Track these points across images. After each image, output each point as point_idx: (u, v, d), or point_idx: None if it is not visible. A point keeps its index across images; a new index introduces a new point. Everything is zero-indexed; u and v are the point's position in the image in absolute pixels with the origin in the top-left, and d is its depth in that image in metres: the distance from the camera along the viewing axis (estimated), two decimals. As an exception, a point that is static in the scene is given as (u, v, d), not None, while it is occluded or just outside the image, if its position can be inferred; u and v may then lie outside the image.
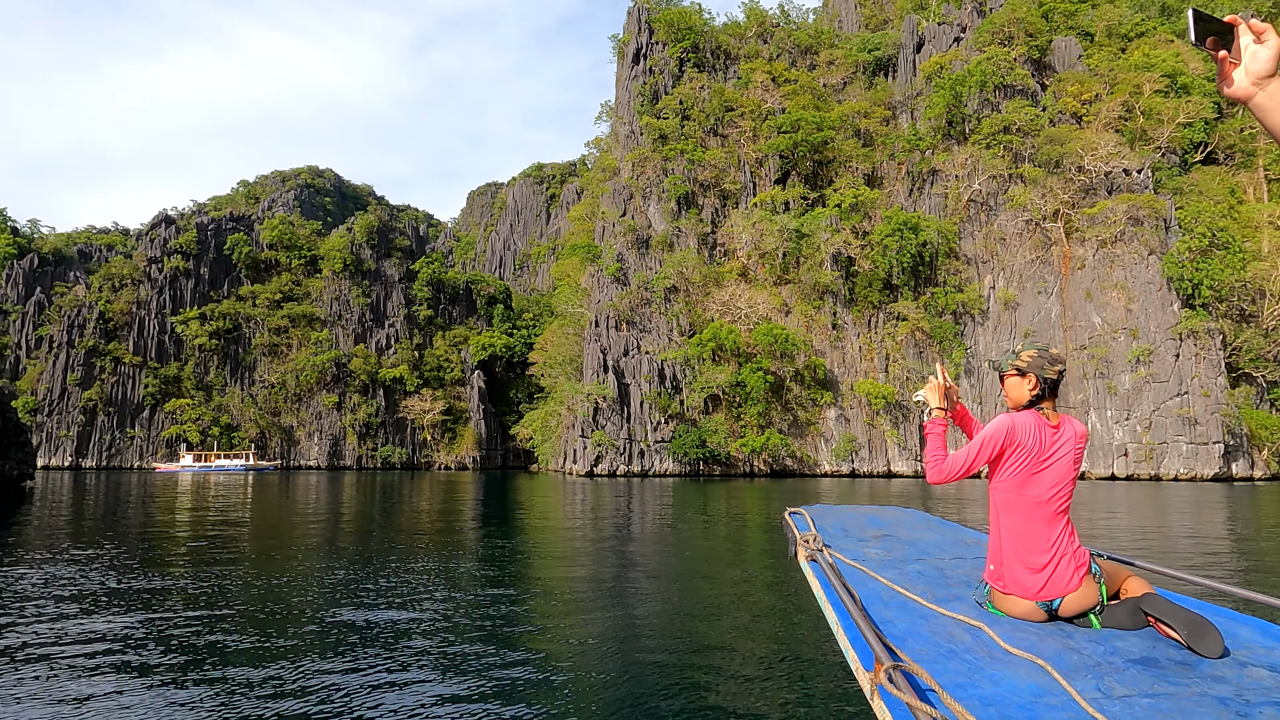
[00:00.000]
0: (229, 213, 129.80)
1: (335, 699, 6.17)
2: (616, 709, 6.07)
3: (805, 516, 4.82)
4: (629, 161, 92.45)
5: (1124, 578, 3.21)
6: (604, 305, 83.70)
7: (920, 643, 2.74)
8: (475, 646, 7.88)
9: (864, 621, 2.61)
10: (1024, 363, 3.30)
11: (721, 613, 9.70)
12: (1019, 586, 3.10)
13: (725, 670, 7.10)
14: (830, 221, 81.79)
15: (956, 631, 2.89)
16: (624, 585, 11.77)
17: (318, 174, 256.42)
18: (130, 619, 9.06)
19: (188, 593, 10.92)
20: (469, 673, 6.93)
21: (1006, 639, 2.78)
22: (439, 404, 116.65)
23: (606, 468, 75.70)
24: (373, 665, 7.11)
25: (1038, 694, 2.31)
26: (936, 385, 3.56)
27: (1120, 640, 2.84)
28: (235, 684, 6.56)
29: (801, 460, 77.78)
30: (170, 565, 13.68)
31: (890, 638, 2.74)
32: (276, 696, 6.25)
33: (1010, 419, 3.22)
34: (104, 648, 7.70)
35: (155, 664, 7.17)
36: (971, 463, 3.22)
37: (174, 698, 6.20)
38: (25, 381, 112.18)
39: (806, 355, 78.90)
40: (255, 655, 7.50)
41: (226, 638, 8.21)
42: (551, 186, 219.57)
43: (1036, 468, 3.14)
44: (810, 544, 3.84)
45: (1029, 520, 3.12)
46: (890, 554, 4.17)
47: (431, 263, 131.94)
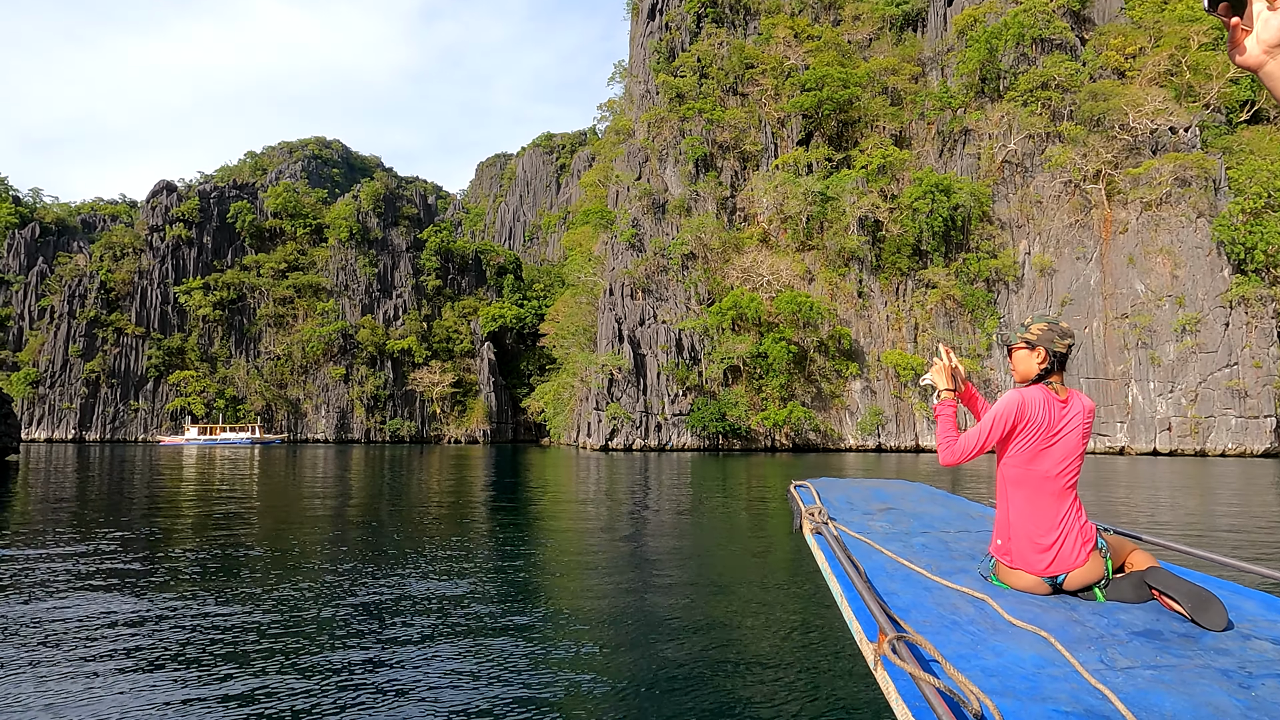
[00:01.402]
0: (233, 180, 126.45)
1: (347, 677, 6.09)
2: (624, 678, 6.15)
3: (810, 489, 4.79)
4: (644, 122, 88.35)
5: (1129, 551, 3.18)
6: (618, 273, 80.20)
7: (924, 614, 2.73)
8: (486, 621, 7.86)
9: (868, 593, 2.63)
10: (1033, 335, 3.24)
11: (733, 586, 9.78)
12: (1025, 561, 3.09)
13: (732, 642, 7.18)
14: (856, 184, 77.72)
15: (960, 604, 2.88)
16: (638, 559, 11.70)
17: (325, 145, 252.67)
18: (125, 604, 8.54)
19: (187, 573, 10.38)
20: (480, 647, 6.93)
21: (1010, 611, 2.79)
22: (448, 376, 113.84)
23: (622, 442, 72.70)
24: (384, 643, 7.00)
25: (1040, 665, 2.31)
26: (943, 367, 3.53)
27: (1124, 613, 2.85)
28: (243, 666, 6.38)
29: (825, 434, 74.52)
30: (167, 545, 12.90)
31: (894, 609, 2.73)
32: (285, 677, 6.09)
33: (1020, 395, 3.15)
34: (101, 633, 7.36)
35: (158, 646, 6.96)
36: (984, 442, 3.17)
37: (183, 679, 6.03)
38: (27, 353, 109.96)
39: (831, 324, 75.30)
40: (261, 635, 7.31)
41: (234, 619, 7.91)
42: (561, 156, 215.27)
43: (1045, 443, 3.11)
44: (815, 517, 3.82)
45: (1037, 495, 3.10)
46: (895, 527, 4.12)
47: (440, 231, 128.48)
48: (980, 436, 3.17)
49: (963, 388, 3.63)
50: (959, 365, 3.61)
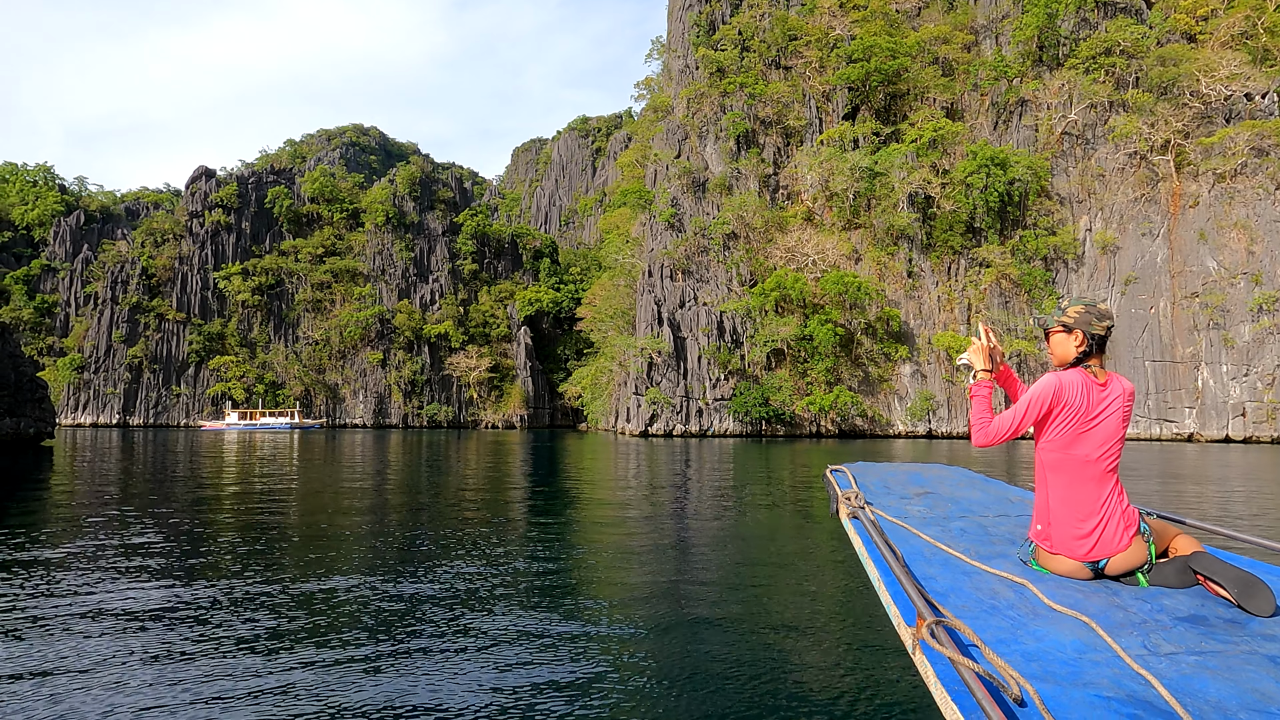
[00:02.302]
0: (270, 165, 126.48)
1: (385, 663, 6.01)
2: (660, 658, 6.20)
3: (847, 474, 4.72)
4: (683, 98, 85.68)
5: (1173, 536, 3.15)
6: (657, 254, 77.99)
7: (963, 599, 2.71)
8: (526, 610, 7.69)
9: (906, 577, 2.61)
10: (1070, 318, 3.22)
11: (771, 571, 9.74)
12: (1066, 546, 3.06)
13: (770, 627, 7.11)
14: (906, 159, 74.37)
15: (1000, 588, 2.86)
16: (677, 544, 11.67)
17: (362, 132, 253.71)
18: (166, 590, 8.45)
19: (225, 558, 10.21)
20: (520, 635, 6.81)
21: (1051, 596, 2.76)
22: (485, 361, 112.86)
23: (662, 427, 70.75)
24: (422, 631, 6.86)
25: (1081, 650, 2.29)
26: (980, 347, 3.48)
27: (1168, 598, 2.82)
28: (282, 653, 6.26)
29: (873, 420, 71.76)
30: (205, 530, 12.70)
31: (932, 594, 2.71)
32: (321, 664, 6.01)
33: (1057, 378, 3.13)
34: (136, 617, 7.23)
35: (199, 631, 6.83)
36: (1019, 424, 3.15)
37: (221, 664, 5.98)
38: (72, 339, 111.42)
39: (879, 306, 72.34)
40: (298, 621, 7.17)
41: (273, 606, 7.78)
42: (597, 140, 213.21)
43: (1084, 427, 3.09)
44: (852, 501, 3.79)
45: (1077, 480, 3.08)
46: (933, 511, 4.07)
47: (475, 215, 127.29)
48: (1015, 419, 3.14)
49: (1000, 368, 3.56)
50: (997, 345, 3.51)
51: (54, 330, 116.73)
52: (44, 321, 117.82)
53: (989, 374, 3.46)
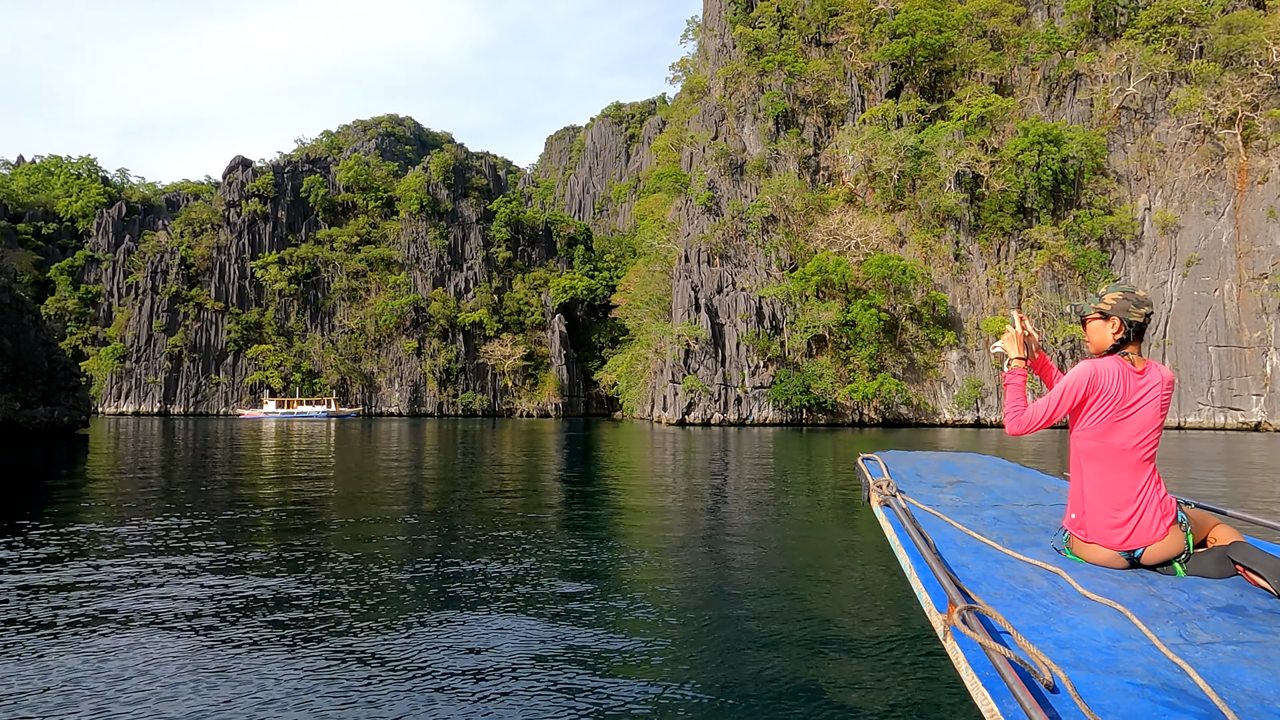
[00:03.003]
0: (305, 154, 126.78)
1: (421, 654, 6.01)
2: (692, 644, 6.23)
3: (878, 462, 4.63)
4: (720, 78, 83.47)
5: (1212, 526, 3.12)
6: (694, 238, 76.15)
7: (995, 586, 2.70)
8: (559, 595, 7.77)
9: (937, 564, 2.61)
10: (1107, 305, 3.17)
11: (809, 560, 9.74)
12: (1101, 535, 3.03)
13: (803, 615, 7.14)
14: (953, 137, 71.50)
15: (1032, 576, 2.83)
16: (714, 533, 11.65)
17: (398, 122, 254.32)
18: (207, 579, 8.35)
19: (265, 551, 10.07)
20: (555, 626, 6.74)
21: (1085, 585, 2.73)
22: (519, 349, 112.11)
23: (699, 416, 69.13)
24: (457, 623, 6.83)
25: (1116, 639, 2.28)
26: (1015, 334, 3.46)
27: (1205, 588, 2.77)
28: (315, 643, 6.26)
29: (918, 408, 69.36)
30: (247, 521, 12.60)
31: (964, 581, 2.70)
32: (355, 654, 6.00)
33: (1092, 366, 3.11)
34: (182, 610, 7.17)
35: (239, 622, 6.81)
36: (1053, 412, 3.13)
37: (257, 653, 5.98)
38: (115, 329, 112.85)
39: (925, 290, 69.76)
40: (336, 613, 7.11)
41: (307, 595, 7.73)
42: (631, 126, 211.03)
43: (1120, 415, 3.05)
44: (884, 489, 3.77)
45: (1113, 468, 3.05)
46: (965, 500, 4.03)
47: (509, 202, 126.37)
48: (1049, 407, 3.12)
49: (1035, 356, 3.53)
50: (1033, 333, 3.50)
51: (97, 320, 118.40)
52: (88, 312, 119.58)
53: (1023, 362, 3.41)
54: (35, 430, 38.87)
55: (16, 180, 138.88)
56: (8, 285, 38.37)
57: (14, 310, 38.38)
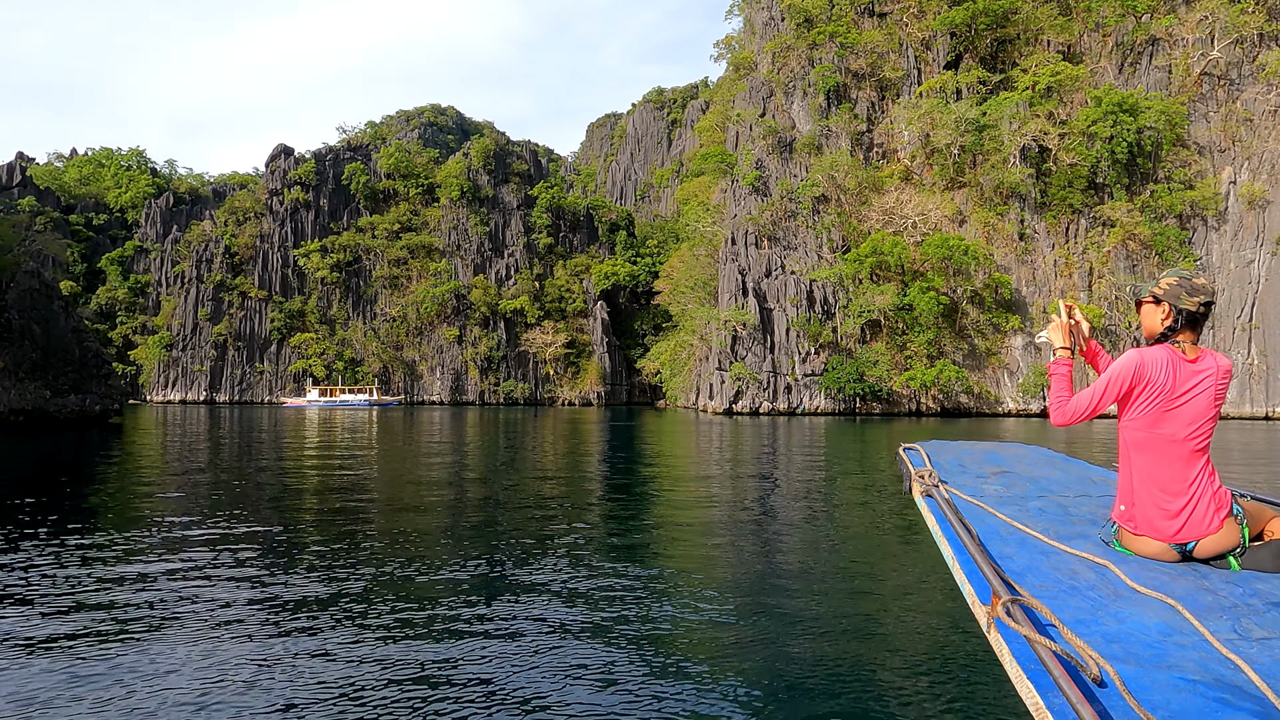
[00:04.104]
0: (346, 142, 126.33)
1: (469, 650, 5.89)
2: (736, 642, 6.16)
3: (920, 452, 4.54)
4: (768, 53, 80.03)
5: (1269, 519, 3.02)
6: (741, 220, 73.14)
7: (1040, 579, 2.61)
8: (606, 591, 7.62)
9: (980, 555, 2.58)
10: (1160, 290, 3.07)
11: (857, 554, 9.66)
12: (1152, 528, 2.94)
13: (847, 609, 7.11)
14: (1018, 108, 67.20)
15: (1079, 569, 2.75)
16: (761, 527, 11.49)
17: (440, 112, 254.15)
18: (250, 572, 8.31)
19: (307, 545, 9.85)
20: (600, 615, 6.78)
21: (1134, 578, 2.64)
22: (561, 336, 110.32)
23: (747, 404, 66.37)
24: (497, 619, 6.70)
25: (1166, 633, 2.20)
26: (1060, 324, 3.41)
27: (1261, 582, 2.67)
28: (358, 637, 6.15)
29: (980, 397, 65.65)
30: (290, 514, 12.42)
31: (1008, 573, 2.62)
32: (399, 649, 5.89)
33: (1139, 355, 3.02)
34: (228, 603, 7.14)
35: (286, 612, 6.83)
36: (1097, 402, 3.04)
37: (300, 645, 5.95)
38: (162, 318, 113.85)
39: (987, 271, 65.85)
40: (380, 608, 7.00)
41: (355, 591, 7.58)
42: (673, 111, 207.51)
43: (1169, 405, 2.95)
44: (925, 479, 3.68)
45: (1163, 459, 2.96)
46: (1009, 490, 3.93)
47: (550, 188, 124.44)
48: (1094, 397, 3.04)
49: (1084, 345, 3.46)
50: (1082, 321, 3.44)
51: (146, 309, 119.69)
52: (138, 301, 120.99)
53: (1068, 352, 3.34)
54: (66, 419, 37.90)
55: (69, 172, 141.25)
56: (37, 271, 37.39)
57: (43, 296, 37.40)
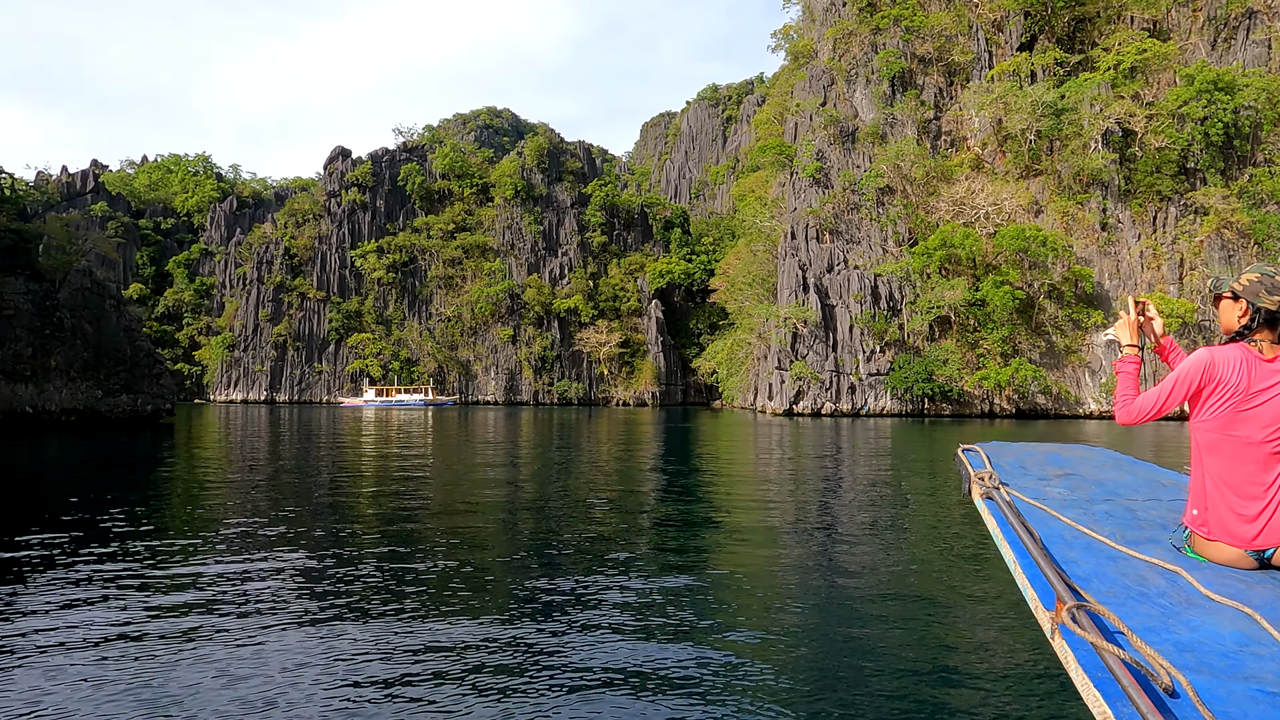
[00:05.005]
0: (402, 143, 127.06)
1: (522, 652, 5.93)
2: (798, 645, 6.17)
3: (980, 454, 4.38)
4: (829, 40, 77.08)
5: None
6: (801, 213, 70.40)
7: (1106, 584, 2.53)
8: (665, 593, 7.63)
9: (1044, 559, 2.47)
10: (1240, 285, 2.95)
11: (925, 556, 9.59)
12: (1227, 533, 2.81)
13: (908, 614, 7.05)
14: (1100, 90, 63.03)
15: (1149, 575, 2.65)
16: (821, 530, 11.38)
17: (495, 114, 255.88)
18: (304, 571, 8.49)
19: (361, 546, 9.94)
20: (660, 618, 6.80)
21: (1208, 585, 2.54)
22: (615, 336, 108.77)
23: (809, 405, 63.66)
24: (561, 620, 6.74)
25: (1243, 643, 2.11)
26: (1128, 320, 3.31)
27: None
28: (414, 639, 6.21)
29: (1059, 398, 61.72)
30: (346, 514, 12.57)
31: (1073, 578, 2.54)
32: (460, 649, 5.97)
33: (1209, 354, 2.91)
34: (281, 602, 7.27)
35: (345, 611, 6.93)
36: (1163, 403, 2.94)
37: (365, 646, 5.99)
38: (225, 319, 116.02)
39: (1066, 264, 61.91)
40: (436, 608, 7.09)
41: (409, 592, 7.65)
42: (728, 108, 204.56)
43: (1244, 406, 2.82)
44: (985, 481, 3.57)
45: (1238, 462, 2.84)
46: (1074, 493, 3.80)
47: (604, 185, 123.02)
48: (1160, 396, 2.95)
49: (1155, 343, 3.35)
50: (1155, 318, 3.30)
51: (211, 310, 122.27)
52: (203, 303, 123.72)
53: (1136, 349, 3.25)
54: (118, 419, 37.58)
55: (139, 179, 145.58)
56: (89, 270, 37.18)
57: (95, 296, 37.14)
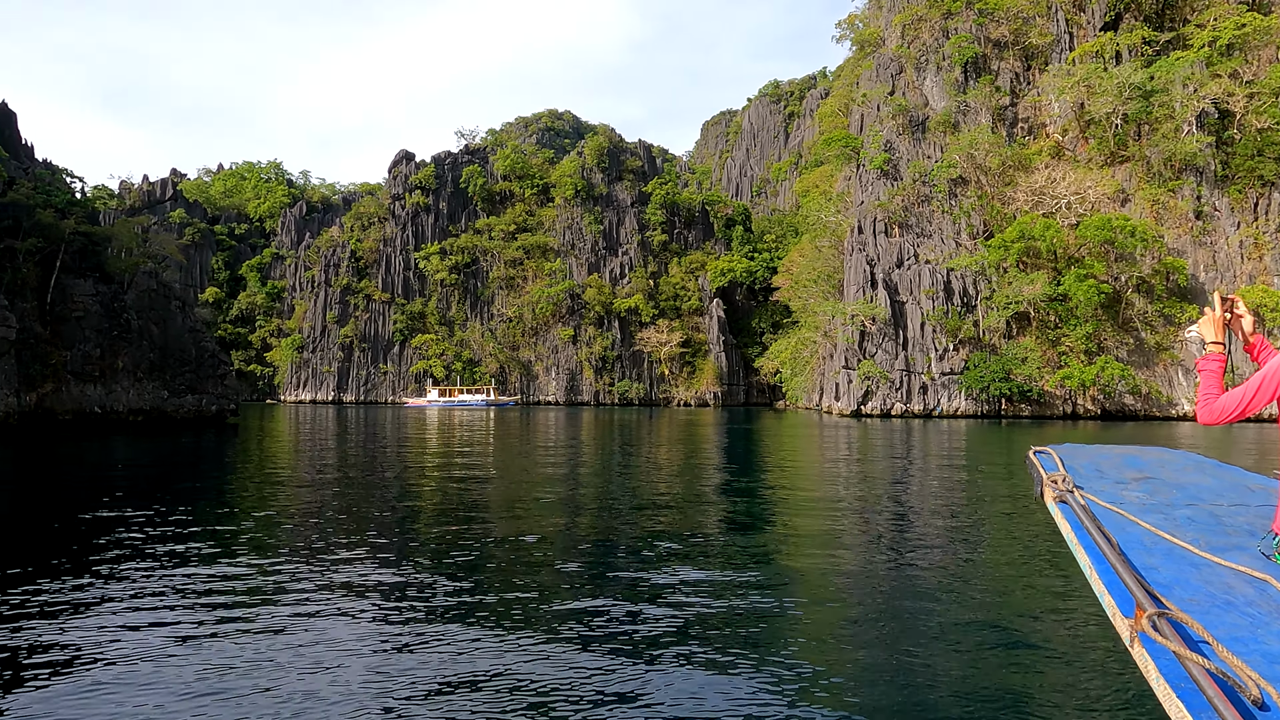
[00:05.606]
0: (464, 146, 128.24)
1: (586, 655, 5.92)
2: (869, 651, 6.11)
3: (1052, 456, 4.26)
4: (897, 26, 74.30)
5: None
6: (868, 207, 67.92)
7: (1189, 592, 2.43)
8: (730, 595, 7.57)
9: (1122, 566, 2.44)
10: None
11: (989, 562, 9.41)
12: None
13: (981, 620, 6.93)
14: (1194, 69, 58.98)
15: (1235, 583, 2.54)
16: (894, 533, 11.18)
17: (557, 116, 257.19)
18: (368, 570, 8.61)
19: (423, 542, 10.27)
20: (727, 619, 6.80)
21: None
22: (676, 335, 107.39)
23: (877, 405, 61.24)
24: (622, 622, 6.76)
25: None
26: (1213, 317, 3.20)
27: None
28: (479, 640, 6.25)
29: (1149, 398, 57.95)
30: (399, 511, 12.89)
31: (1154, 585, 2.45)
32: (523, 654, 5.93)
33: None
34: (344, 600, 7.38)
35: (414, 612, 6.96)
36: (1248, 403, 2.84)
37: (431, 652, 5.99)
38: (294, 321, 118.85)
39: (1157, 255, 58.10)
40: (496, 608, 7.17)
41: (469, 589, 7.86)
42: (790, 104, 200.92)
43: None
44: (1059, 484, 3.49)
45: None
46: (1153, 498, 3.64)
47: (665, 184, 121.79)
48: (1244, 397, 2.85)
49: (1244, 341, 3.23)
50: (1245, 315, 3.18)
51: (281, 313, 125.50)
52: (274, 306, 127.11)
53: (1221, 347, 3.13)
54: (183, 419, 37.98)
55: (215, 186, 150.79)
56: (155, 271, 37.69)
57: (161, 297, 37.62)
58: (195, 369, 38.95)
